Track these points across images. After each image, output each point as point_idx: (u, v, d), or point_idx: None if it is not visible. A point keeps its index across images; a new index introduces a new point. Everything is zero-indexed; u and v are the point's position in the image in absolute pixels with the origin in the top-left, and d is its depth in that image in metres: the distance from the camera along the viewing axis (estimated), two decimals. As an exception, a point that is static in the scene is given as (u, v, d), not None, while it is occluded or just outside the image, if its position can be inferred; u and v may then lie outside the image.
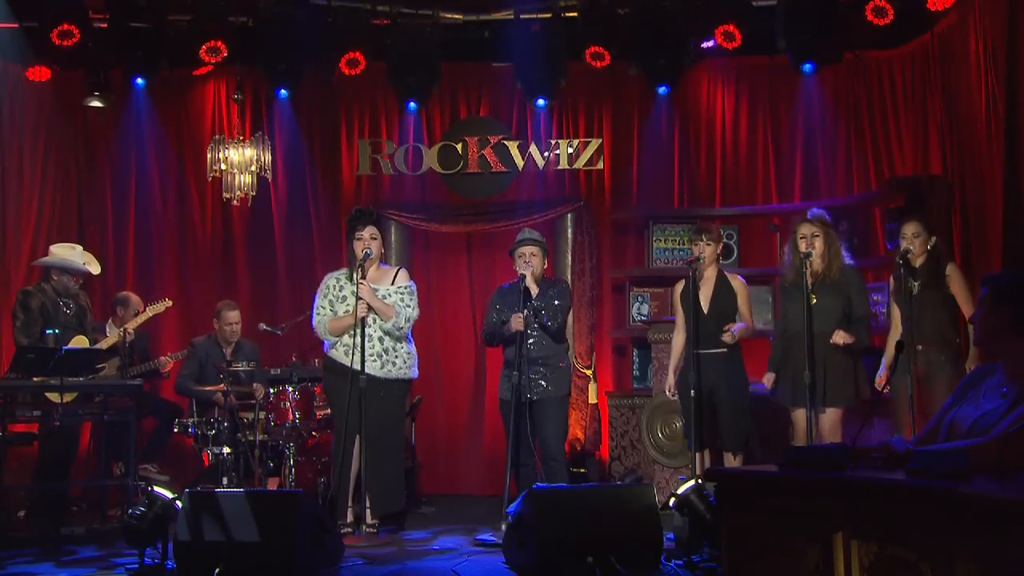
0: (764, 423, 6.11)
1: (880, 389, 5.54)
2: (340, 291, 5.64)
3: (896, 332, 5.61)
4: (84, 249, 6.69)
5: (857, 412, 5.72)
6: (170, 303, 6.86)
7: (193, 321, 8.11)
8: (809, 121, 7.94)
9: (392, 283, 5.66)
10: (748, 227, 8.03)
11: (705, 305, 5.89)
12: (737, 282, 5.97)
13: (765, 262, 7.84)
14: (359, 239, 5.60)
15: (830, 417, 5.61)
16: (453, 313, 8.39)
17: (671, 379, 6.06)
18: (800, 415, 5.60)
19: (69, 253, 6.53)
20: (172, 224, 8.32)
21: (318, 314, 5.65)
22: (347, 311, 5.54)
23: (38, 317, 6.30)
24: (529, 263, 5.82)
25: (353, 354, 5.34)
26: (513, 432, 5.61)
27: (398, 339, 5.58)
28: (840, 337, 5.56)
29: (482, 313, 8.28)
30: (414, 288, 5.71)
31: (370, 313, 5.46)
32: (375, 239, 5.63)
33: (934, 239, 5.61)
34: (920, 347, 5.45)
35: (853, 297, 5.68)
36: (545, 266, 5.95)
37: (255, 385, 6.88)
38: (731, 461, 5.86)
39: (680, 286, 6.04)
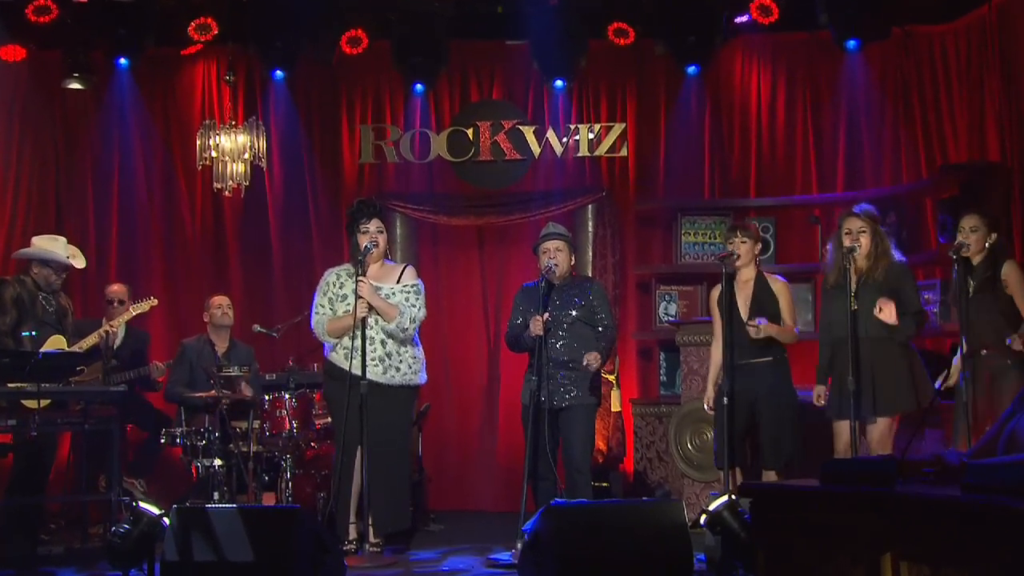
0: (806, 435, 6.08)
1: (941, 392, 5.48)
2: (340, 288, 5.65)
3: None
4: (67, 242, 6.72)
5: (907, 422, 5.70)
6: (155, 302, 6.88)
7: (182, 321, 8.14)
8: (853, 103, 7.90)
9: (398, 281, 5.66)
10: (786, 219, 8.00)
11: (743, 310, 5.86)
12: (778, 284, 5.94)
13: (805, 257, 7.81)
14: (365, 232, 5.61)
15: (880, 428, 5.58)
16: (464, 313, 8.40)
17: (710, 392, 6.03)
18: (843, 426, 5.58)
19: (52, 245, 6.56)
20: (158, 217, 8.35)
21: (316, 313, 5.67)
22: (347, 310, 5.55)
23: (11, 308, 6.30)
24: (554, 259, 5.81)
25: (352, 357, 5.34)
26: (531, 442, 5.61)
27: (403, 342, 5.58)
28: (886, 312, 5.45)
29: (495, 313, 8.31)
30: (422, 287, 5.71)
31: (371, 313, 5.46)
32: (382, 232, 5.64)
33: (994, 236, 5.57)
34: (984, 351, 5.42)
35: (902, 293, 5.65)
36: (572, 262, 5.96)
37: (243, 386, 6.89)
38: (771, 479, 5.84)
39: (716, 291, 6.01)
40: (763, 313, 5.81)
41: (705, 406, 6.06)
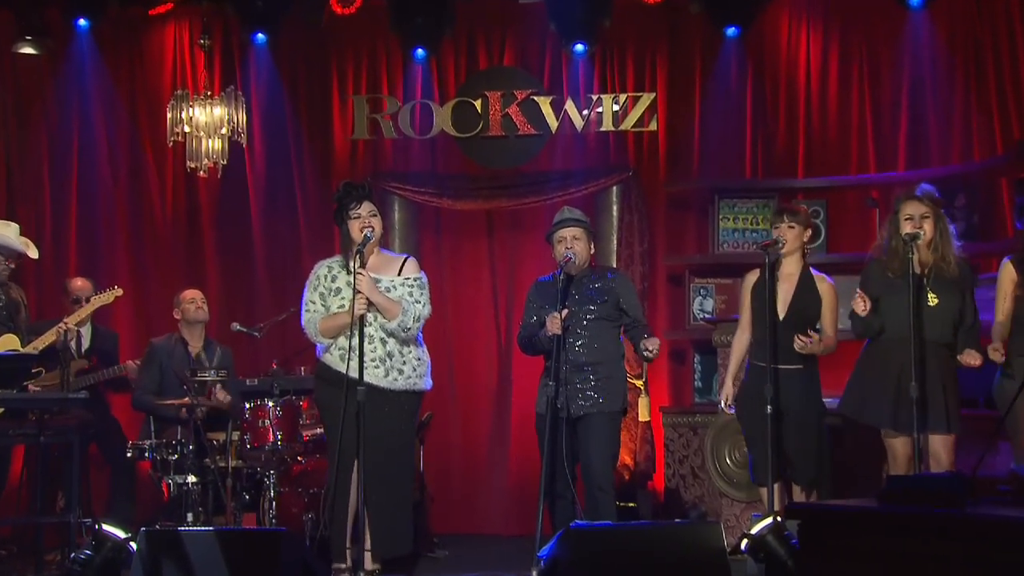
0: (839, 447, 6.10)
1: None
2: (333, 282, 5.65)
3: None
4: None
5: (971, 434, 5.68)
6: (119, 292, 6.90)
7: (151, 319, 8.16)
8: (917, 68, 7.85)
9: (399, 273, 5.66)
10: (839, 202, 7.98)
11: (781, 308, 5.85)
12: (824, 285, 5.92)
13: (860, 245, 7.75)
14: (356, 217, 5.59)
15: (946, 442, 5.57)
16: (471, 310, 8.40)
17: (727, 388, 6.04)
18: (902, 440, 5.56)
19: (4, 230, 6.58)
20: (124, 200, 8.37)
21: (307, 310, 5.66)
22: (342, 306, 5.54)
23: None
24: (571, 248, 5.81)
25: (349, 359, 5.34)
26: (547, 456, 5.60)
27: (405, 341, 5.58)
28: (974, 358, 5.53)
29: (506, 309, 8.30)
30: (425, 281, 5.71)
31: (370, 310, 5.46)
32: (375, 216, 5.63)
33: None
34: None
35: (967, 298, 5.64)
36: (591, 251, 5.95)
37: (216, 389, 6.90)
38: (800, 496, 5.86)
39: (752, 277, 5.99)
40: (802, 314, 5.81)
41: (722, 404, 6.06)
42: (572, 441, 5.72)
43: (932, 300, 5.59)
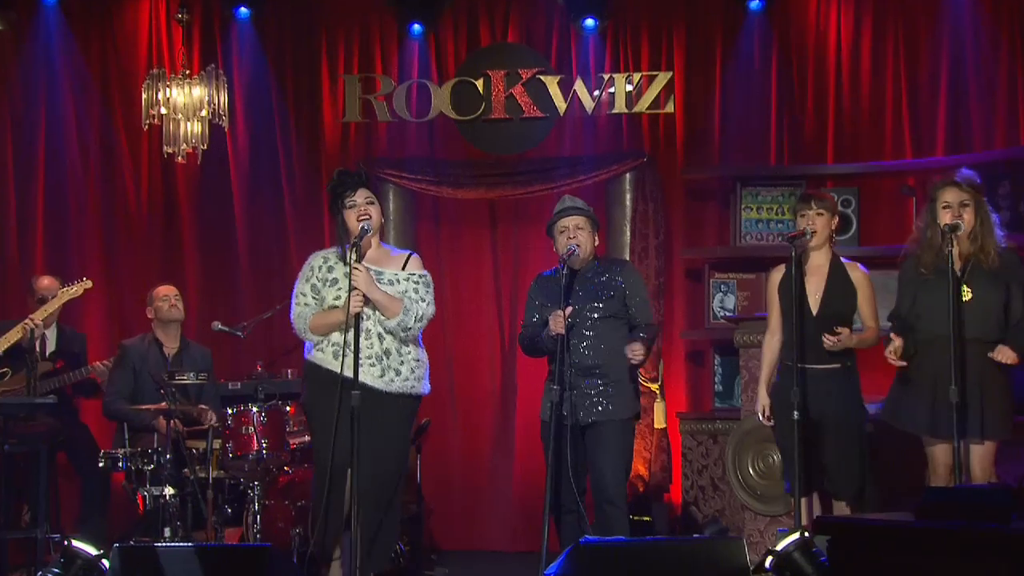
0: (878, 456, 6.11)
1: None
2: (330, 272, 5.62)
3: None
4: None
5: (1016, 443, 5.68)
6: (89, 284, 6.90)
7: (124, 319, 8.17)
8: (958, 45, 7.85)
9: (403, 269, 5.65)
10: (872, 190, 7.97)
11: (814, 303, 5.83)
12: (858, 273, 5.90)
13: (895, 237, 7.75)
14: (351, 206, 5.57)
15: (987, 451, 5.55)
16: (472, 308, 8.41)
17: (763, 397, 6.02)
18: (941, 448, 5.55)
19: None
20: (95, 188, 8.36)
21: (298, 303, 5.63)
22: (338, 298, 5.52)
23: None
24: (574, 239, 5.80)
25: (344, 356, 5.32)
26: (553, 467, 5.61)
27: (404, 340, 5.57)
28: (1005, 355, 5.50)
29: (511, 306, 8.30)
30: (431, 279, 5.69)
31: (367, 306, 5.45)
32: (372, 203, 5.61)
33: None
34: None
35: (1013, 291, 5.61)
36: (596, 243, 5.93)
37: (201, 408, 6.90)
38: (842, 510, 5.83)
39: (778, 274, 5.98)
40: (837, 308, 5.79)
41: (759, 415, 6.04)
42: (580, 451, 5.71)
43: (967, 294, 5.56)
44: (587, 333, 5.78)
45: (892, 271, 7.49)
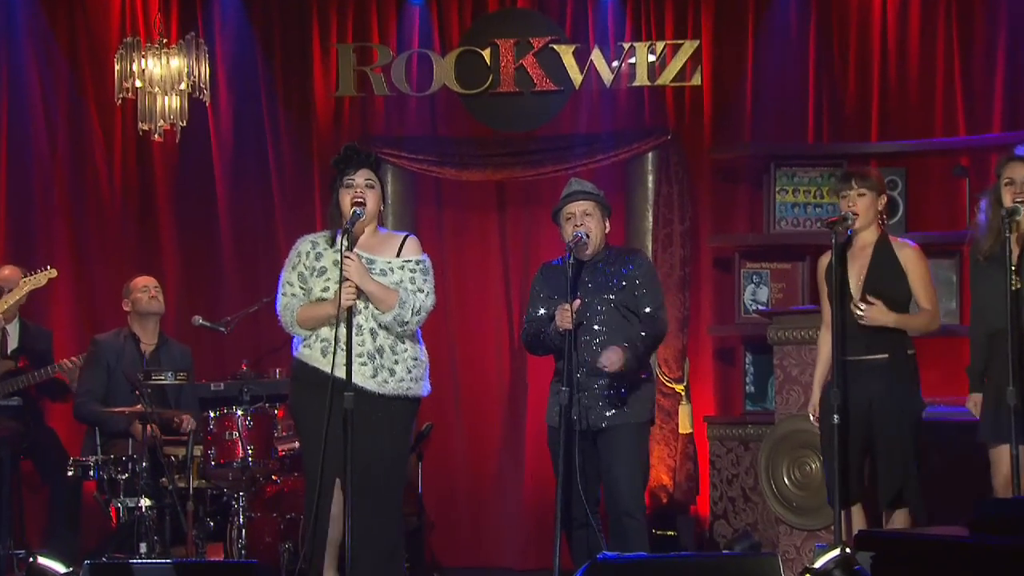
0: (944, 462, 6.04)
1: None
2: (318, 260, 5.61)
3: None
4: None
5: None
6: (53, 273, 6.90)
7: (95, 313, 8.17)
8: (1017, 9, 7.81)
9: (397, 255, 5.63)
10: (920, 170, 7.95)
11: (855, 286, 5.82)
12: (907, 251, 5.86)
13: (946, 223, 7.75)
14: (348, 186, 5.56)
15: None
16: (478, 301, 8.42)
17: (815, 397, 5.99)
18: (1003, 453, 5.53)
19: None
20: (63, 169, 8.34)
21: (284, 293, 5.61)
22: (326, 290, 5.51)
23: None
24: (582, 226, 5.79)
25: (336, 353, 5.31)
26: (564, 476, 5.60)
27: (400, 336, 5.56)
28: None
29: (520, 299, 8.28)
30: (429, 265, 5.66)
31: (360, 298, 5.44)
32: (372, 187, 5.59)
33: None
34: None
35: None
36: (607, 230, 5.92)
37: (178, 414, 6.90)
38: (893, 521, 5.83)
39: (825, 260, 5.96)
40: (880, 290, 5.75)
41: (811, 416, 6.02)
42: (592, 458, 5.71)
43: (1015, 284, 5.54)
44: (597, 328, 5.77)
45: (942, 260, 7.54)
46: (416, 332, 5.63)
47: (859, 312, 5.66)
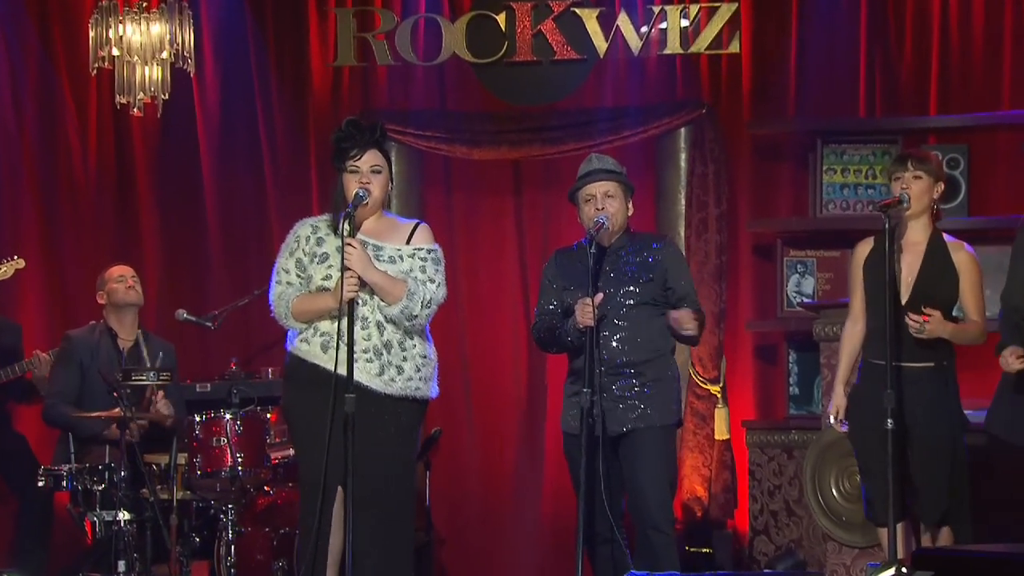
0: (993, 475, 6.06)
1: None
2: (319, 245, 5.61)
3: None
4: None
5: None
6: (21, 263, 6.92)
7: (68, 306, 8.19)
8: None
9: (407, 243, 5.63)
10: (985, 148, 7.94)
11: (904, 288, 5.82)
12: (963, 255, 5.89)
13: (1013, 205, 7.71)
14: (353, 170, 5.57)
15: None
16: (492, 294, 8.44)
17: (838, 397, 6.03)
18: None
19: None
20: (32, 147, 8.35)
21: (278, 281, 5.61)
22: (327, 278, 5.51)
23: None
24: (603, 208, 5.78)
25: (338, 348, 5.31)
26: (585, 487, 5.58)
27: (408, 331, 5.56)
28: None
29: (537, 294, 8.26)
30: (441, 255, 5.67)
31: (364, 290, 5.44)
32: (378, 172, 5.59)
33: None
34: None
35: None
36: (630, 213, 5.91)
37: (157, 398, 6.90)
38: (939, 539, 5.86)
39: (865, 248, 6.00)
40: (932, 294, 5.78)
41: (831, 418, 6.05)
42: (614, 467, 5.72)
43: None
44: (619, 324, 5.77)
45: (1007, 247, 7.48)
46: (425, 328, 5.63)
47: (915, 326, 5.65)
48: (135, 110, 7.52)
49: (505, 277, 8.43)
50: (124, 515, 6.60)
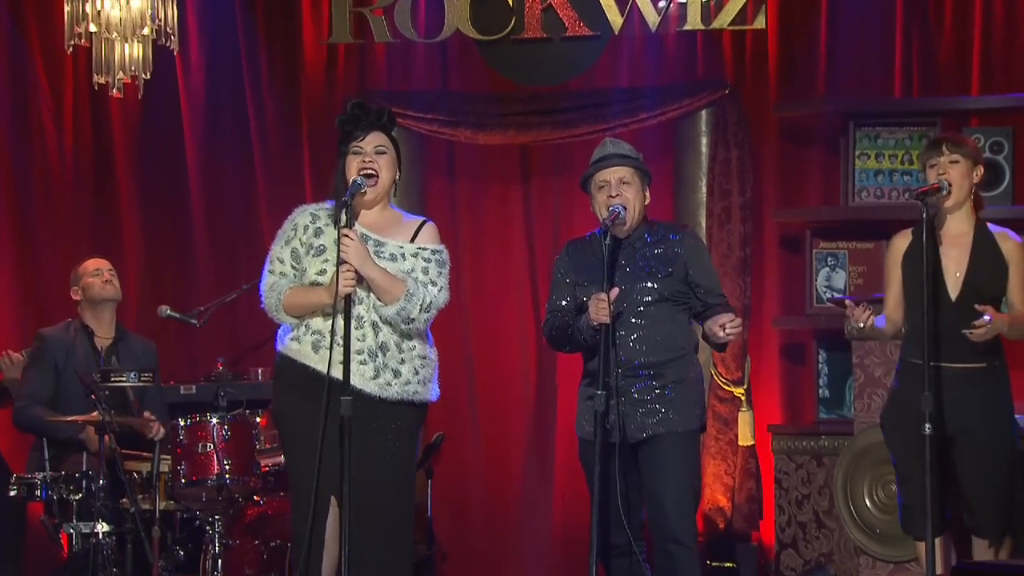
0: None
1: None
2: (317, 236, 5.61)
3: None
4: None
5: None
6: None
7: (42, 303, 8.23)
8: None
9: (412, 240, 5.63)
10: (1030, 130, 7.93)
11: (952, 285, 5.82)
12: (1012, 244, 5.89)
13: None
14: (356, 151, 5.57)
15: None
16: (498, 289, 8.46)
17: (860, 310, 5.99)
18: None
19: None
20: (2, 134, 8.37)
21: (271, 271, 5.61)
22: (323, 272, 5.52)
23: None
24: (618, 198, 5.77)
25: (331, 348, 5.32)
26: (600, 496, 5.58)
27: (406, 333, 5.57)
28: None
29: (546, 289, 8.26)
30: (447, 257, 5.67)
31: (360, 285, 5.45)
32: (383, 153, 5.59)
33: None
34: None
35: None
36: (647, 201, 5.90)
37: (145, 418, 6.91)
38: (986, 552, 5.84)
39: (903, 240, 5.99)
40: (981, 289, 5.77)
41: (860, 323, 5.92)
42: (632, 475, 5.70)
43: None
44: (636, 322, 5.75)
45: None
46: (426, 330, 5.63)
47: (981, 332, 5.63)
48: (114, 91, 7.50)
49: (512, 270, 8.44)
50: (103, 527, 6.59)
